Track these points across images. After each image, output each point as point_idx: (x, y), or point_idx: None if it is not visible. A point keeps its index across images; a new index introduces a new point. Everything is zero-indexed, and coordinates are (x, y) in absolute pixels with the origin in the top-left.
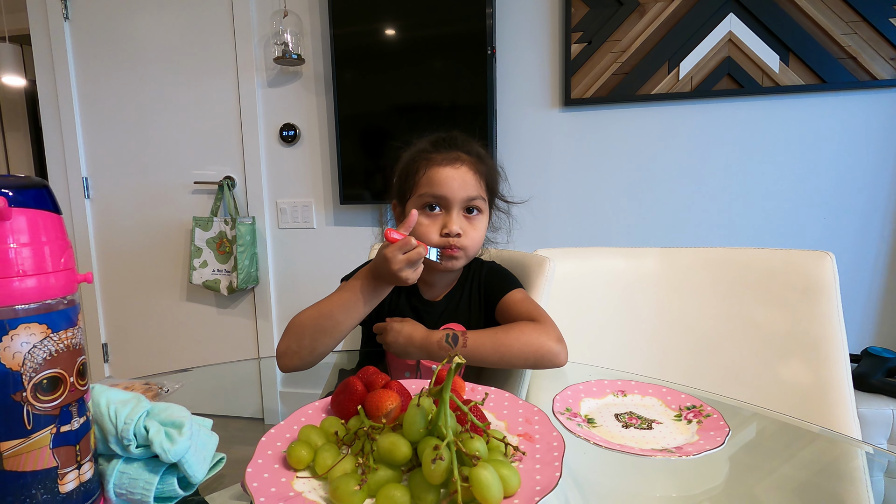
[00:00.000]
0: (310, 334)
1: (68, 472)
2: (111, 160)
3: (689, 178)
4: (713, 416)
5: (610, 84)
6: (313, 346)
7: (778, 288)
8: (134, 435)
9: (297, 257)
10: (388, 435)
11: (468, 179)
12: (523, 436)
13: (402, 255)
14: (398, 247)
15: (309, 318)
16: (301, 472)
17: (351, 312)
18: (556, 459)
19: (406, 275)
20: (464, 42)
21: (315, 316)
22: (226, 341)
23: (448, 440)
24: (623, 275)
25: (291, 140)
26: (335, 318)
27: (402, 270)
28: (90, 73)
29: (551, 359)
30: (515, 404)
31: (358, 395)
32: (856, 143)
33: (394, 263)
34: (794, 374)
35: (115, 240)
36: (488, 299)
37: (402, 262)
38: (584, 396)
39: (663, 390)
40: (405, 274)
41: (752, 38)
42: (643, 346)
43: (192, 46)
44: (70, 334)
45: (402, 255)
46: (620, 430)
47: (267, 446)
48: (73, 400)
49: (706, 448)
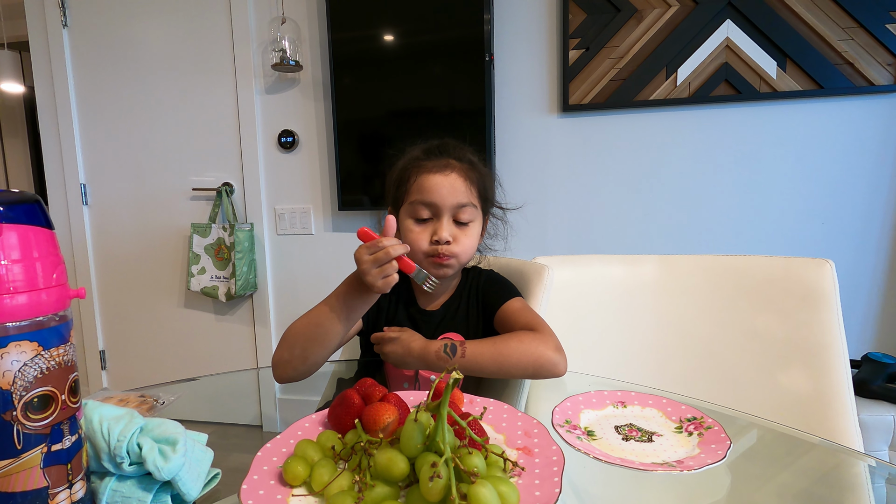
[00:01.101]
0: (301, 343)
1: (59, 492)
2: (109, 167)
3: (687, 184)
4: (714, 429)
5: (608, 90)
6: (304, 355)
7: (777, 295)
8: (127, 452)
9: (296, 264)
10: (386, 450)
11: (458, 186)
12: (522, 449)
13: (370, 255)
14: (366, 247)
15: (300, 327)
16: (297, 489)
17: (337, 321)
18: (556, 475)
19: (371, 278)
20: (462, 48)
21: (305, 324)
22: (224, 348)
23: (446, 457)
24: (621, 282)
25: (290, 146)
26: (323, 327)
27: (368, 273)
28: (89, 80)
29: (550, 368)
30: (514, 416)
31: (355, 408)
32: (854, 148)
33: (360, 264)
34: (793, 382)
35: (113, 246)
36: (486, 308)
37: (369, 262)
38: (584, 408)
39: (663, 401)
40: (370, 278)
41: (749, 44)
42: (642, 355)
43: (191, 53)
44: (62, 351)
45: (368, 255)
46: (621, 442)
47: (263, 461)
48: (64, 418)
49: (708, 462)
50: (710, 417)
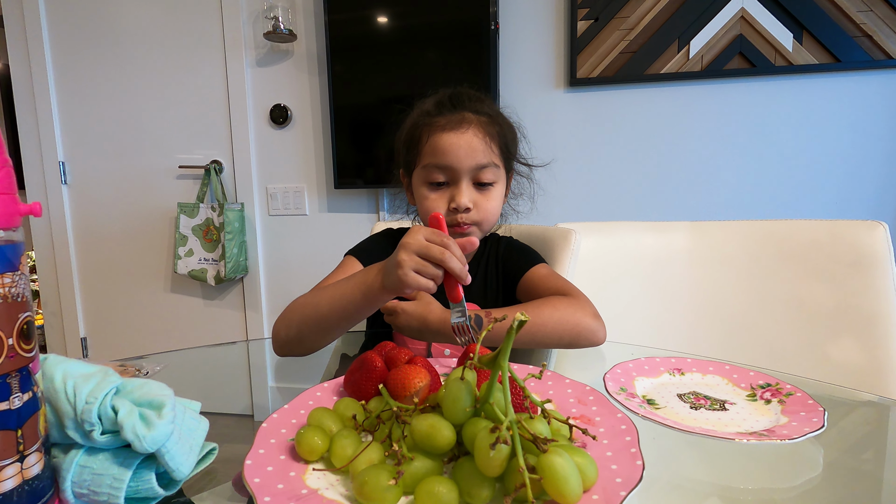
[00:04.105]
0: (297, 325)
1: (6, 467)
2: (90, 144)
3: (698, 160)
4: (797, 395)
5: (617, 63)
6: (300, 338)
7: (824, 261)
8: (98, 417)
9: (289, 245)
10: (426, 417)
11: (476, 145)
12: (580, 418)
13: (425, 240)
14: (430, 231)
15: (300, 307)
16: (314, 465)
17: (344, 314)
18: (632, 445)
19: (405, 267)
20: (466, 19)
21: (305, 305)
22: (213, 334)
23: (510, 419)
24: (650, 250)
25: (282, 122)
26: (325, 318)
27: (405, 263)
28: (67, 52)
29: (588, 336)
30: (562, 383)
31: (377, 372)
32: (870, 123)
33: (407, 247)
34: (844, 354)
35: (94, 227)
36: (508, 277)
37: (419, 247)
38: (637, 375)
39: (726, 367)
40: (404, 266)
41: (764, 14)
42: (674, 327)
43: (176, 22)
44: (9, 281)
45: (424, 239)
46: (690, 411)
47: (269, 434)
48: (12, 369)
49: (806, 430)
50: (789, 384)
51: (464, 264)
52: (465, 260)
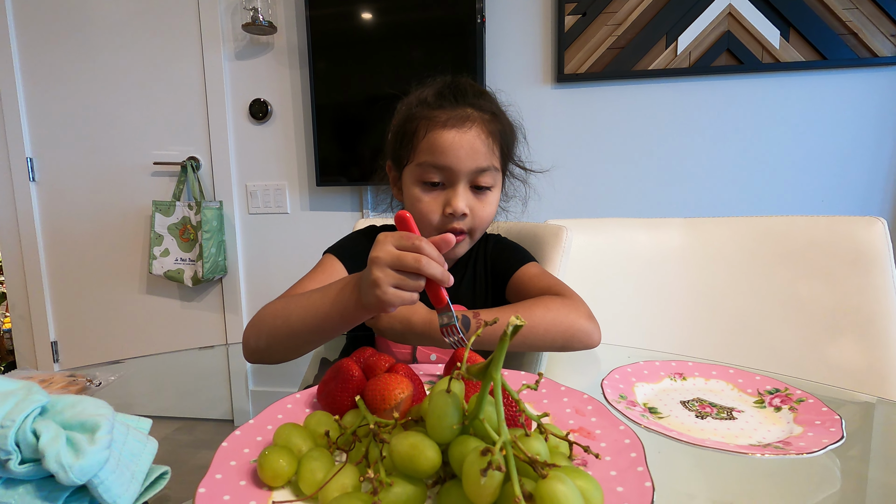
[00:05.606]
0: (266, 337)
1: None
2: (59, 139)
3: (686, 156)
4: (809, 402)
5: (605, 59)
6: (269, 350)
7: (822, 259)
8: (16, 444)
9: (270, 245)
10: (407, 435)
11: (478, 146)
12: (578, 431)
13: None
14: (396, 237)
15: (270, 317)
16: (278, 492)
17: (317, 330)
18: (638, 462)
19: (382, 285)
20: (451, 13)
21: (276, 316)
22: (190, 337)
23: (504, 440)
24: (644, 248)
25: (262, 117)
26: (295, 334)
27: (381, 281)
28: (34, 43)
29: (583, 338)
30: (557, 391)
31: (354, 382)
32: (856, 121)
33: (378, 261)
34: (844, 355)
35: (64, 227)
36: (497, 276)
37: (391, 259)
38: (636, 381)
39: (730, 371)
40: (381, 285)
41: (752, 11)
42: (669, 328)
43: (151, 12)
44: None
45: (394, 247)
46: (696, 421)
47: (229, 454)
48: None
49: (824, 442)
50: (798, 389)
51: (443, 265)
52: (443, 259)
